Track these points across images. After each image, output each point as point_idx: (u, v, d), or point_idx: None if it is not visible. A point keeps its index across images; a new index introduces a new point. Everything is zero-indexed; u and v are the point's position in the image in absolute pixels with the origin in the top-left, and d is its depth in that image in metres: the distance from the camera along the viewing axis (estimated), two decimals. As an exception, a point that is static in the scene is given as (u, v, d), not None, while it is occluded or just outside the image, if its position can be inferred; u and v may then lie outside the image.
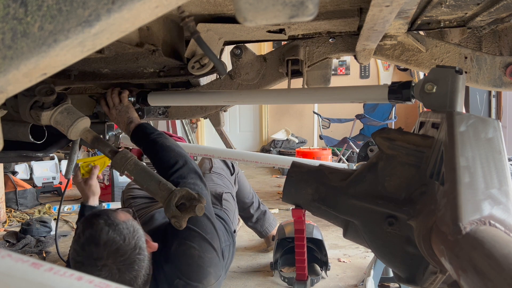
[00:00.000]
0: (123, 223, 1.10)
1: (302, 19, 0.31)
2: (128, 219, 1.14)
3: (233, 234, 1.67)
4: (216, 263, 1.21)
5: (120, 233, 1.07)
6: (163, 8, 0.35)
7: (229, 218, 1.76)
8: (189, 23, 0.80)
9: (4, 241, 2.62)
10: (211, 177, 2.04)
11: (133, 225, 1.12)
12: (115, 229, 1.07)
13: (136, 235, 1.10)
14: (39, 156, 1.52)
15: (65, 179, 1.73)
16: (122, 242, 1.06)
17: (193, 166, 1.27)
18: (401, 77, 6.00)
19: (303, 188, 0.85)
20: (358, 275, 2.04)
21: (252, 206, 2.30)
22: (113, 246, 1.05)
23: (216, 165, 2.14)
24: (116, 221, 1.10)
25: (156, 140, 1.29)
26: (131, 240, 1.08)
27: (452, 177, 0.56)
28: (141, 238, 1.12)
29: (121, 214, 1.16)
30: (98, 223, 1.08)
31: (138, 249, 1.09)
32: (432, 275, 0.67)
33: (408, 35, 1.25)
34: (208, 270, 1.17)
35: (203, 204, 0.97)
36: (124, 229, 1.09)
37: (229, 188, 2.06)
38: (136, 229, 1.12)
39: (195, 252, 1.17)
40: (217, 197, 1.85)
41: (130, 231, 1.10)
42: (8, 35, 0.34)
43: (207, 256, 1.19)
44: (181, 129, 5.77)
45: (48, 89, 1.06)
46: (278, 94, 1.27)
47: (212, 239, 1.21)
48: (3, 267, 0.35)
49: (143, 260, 1.09)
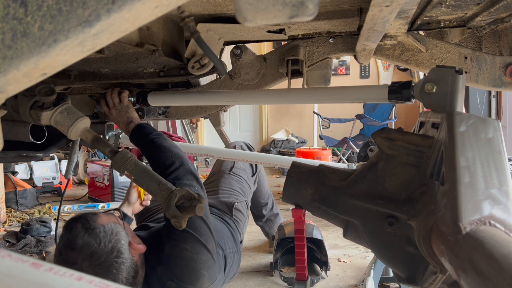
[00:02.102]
0: (101, 227, 1.11)
1: (302, 19, 0.31)
2: (107, 222, 1.13)
3: (238, 243, 1.64)
4: (211, 265, 1.19)
5: (95, 236, 1.08)
6: (163, 8, 0.35)
7: (237, 228, 1.73)
8: (189, 23, 0.80)
9: (4, 241, 2.62)
10: (230, 180, 1.97)
11: (112, 228, 1.12)
12: (91, 233, 1.08)
13: (114, 238, 1.10)
14: (39, 156, 1.52)
15: (65, 179, 1.72)
16: (97, 246, 1.07)
17: (189, 168, 1.26)
18: (401, 77, 6.00)
19: (303, 188, 0.85)
20: (358, 275, 2.04)
21: (266, 207, 2.28)
22: (87, 250, 1.06)
23: (237, 165, 2.06)
24: (93, 225, 1.10)
25: (154, 141, 1.29)
26: (107, 244, 1.08)
27: (452, 177, 0.56)
28: (121, 241, 1.11)
29: (102, 217, 1.16)
30: (76, 227, 1.09)
31: (116, 252, 1.09)
32: (432, 275, 0.67)
33: (408, 35, 1.25)
34: (201, 272, 1.16)
35: (203, 204, 0.97)
36: (101, 233, 1.09)
37: (246, 193, 1.97)
38: (115, 232, 1.12)
39: (188, 253, 1.15)
40: (229, 206, 1.79)
41: (107, 234, 1.10)
42: (8, 35, 0.34)
43: (200, 258, 1.17)
44: (181, 129, 5.78)
45: (48, 89, 1.06)
46: (278, 94, 1.27)
47: (207, 241, 1.19)
48: (3, 267, 0.35)
49: (122, 263, 1.09)
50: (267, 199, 2.29)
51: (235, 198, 1.86)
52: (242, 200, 1.89)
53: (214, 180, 2.00)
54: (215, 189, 1.91)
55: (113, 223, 1.15)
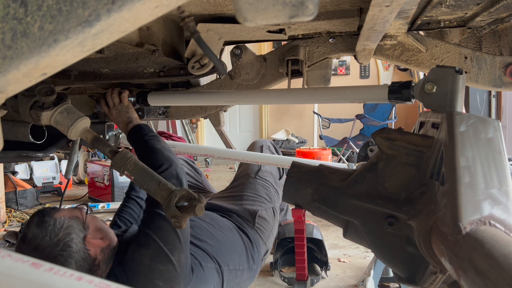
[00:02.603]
0: (52, 220, 1.12)
1: (302, 19, 0.31)
2: (63, 216, 1.14)
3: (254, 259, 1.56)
4: (171, 277, 1.14)
5: (43, 229, 1.10)
6: (163, 8, 0.35)
7: (261, 238, 1.66)
8: (189, 23, 0.80)
9: (4, 241, 2.62)
10: (255, 185, 1.88)
11: (64, 222, 1.13)
12: (40, 226, 1.11)
13: (62, 232, 1.11)
14: (39, 156, 1.52)
15: (65, 179, 1.72)
16: (41, 239, 1.09)
17: (176, 172, 1.23)
18: (401, 77, 6.00)
19: (303, 188, 0.85)
20: (358, 275, 2.04)
21: (281, 212, 2.25)
22: (34, 242, 1.09)
23: (264, 168, 1.97)
24: (46, 219, 1.12)
25: (147, 142, 1.28)
26: (53, 237, 1.10)
27: (452, 177, 0.56)
28: (70, 235, 1.12)
29: (62, 211, 1.17)
30: (32, 220, 1.13)
31: (62, 245, 1.10)
32: (432, 275, 0.67)
33: (408, 35, 1.25)
34: (155, 282, 1.12)
35: (203, 204, 0.97)
36: (49, 226, 1.11)
37: (272, 199, 1.87)
38: (66, 226, 1.12)
39: (145, 260, 1.13)
40: (252, 214, 1.70)
41: (57, 228, 1.11)
42: (8, 35, 0.34)
43: (158, 267, 1.13)
44: (181, 129, 5.78)
45: (48, 89, 1.06)
46: (278, 94, 1.27)
47: (171, 250, 1.14)
48: (3, 267, 0.35)
49: (69, 256, 1.10)
50: (284, 204, 2.26)
51: (259, 205, 1.78)
52: (268, 207, 1.80)
53: (239, 185, 1.93)
54: (239, 194, 1.84)
55: (70, 217, 1.15)
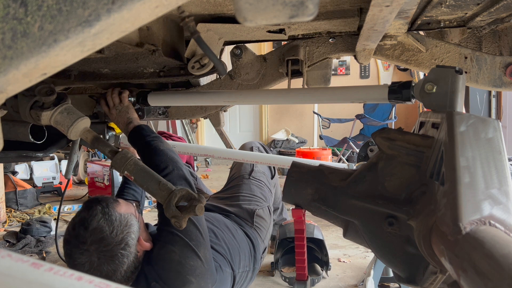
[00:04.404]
0: (118, 215, 1.11)
1: (302, 19, 0.31)
2: (126, 212, 1.14)
3: (256, 259, 1.59)
4: (200, 273, 1.15)
5: (110, 223, 1.09)
6: (163, 8, 0.35)
7: (259, 236, 1.69)
8: (189, 23, 0.80)
9: (4, 241, 2.62)
10: (250, 186, 1.93)
11: (127, 219, 1.12)
12: (107, 219, 1.09)
13: (126, 230, 1.10)
14: (39, 156, 1.52)
15: (65, 179, 1.72)
16: (108, 233, 1.08)
17: (183, 173, 1.24)
18: (401, 77, 6.00)
19: (303, 188, 0.85)
20: (358, 275, 2.04)
21: (276, 211, 2.28)
22: (99, 234, 1.07)
23: (256, 168, 2.02)
24: (111, 211, 1.11)
25: (150, 143, 1.28)
26: (118, 234, 1.09)
27: (452, 177, 0.56)
28: (131, 234, 1.11)
29: (123, 205, 1.16)
30: (95, 208, 1.10)
31: (124, 244, 1.09)
32: (432, 275, 0.67)
33: (408, 35, 1.25)
34: (188, 278, 1.12)
35: (203, 204, 0.97)
36: (116, 221, 1.10)
37: (267, 198, 1.93)
38: (130, 225, 1.12)
39: (175, 257, 1.13)
40: (250, 214, 1.74)
41: (122, 224, 1.10)
42: (8, 35, 0.34)
43: (188, 263, 1.13)
44: (181, 129, 5.78)
45: (48, 89, 1.06)
46: (278, 94, 1.27)
47: (197, 246, 1.16)
48: (3, 267, 0.35)
49: (126, 256, 1.09)
50: (279, 203, 2.28)
51: (256, 204, 1.82)
52: (264, 205, 1.85)
53: (234, 186, 1.96)
54: (235, 195, 1.88)
55: (130, 214, 1.15)
